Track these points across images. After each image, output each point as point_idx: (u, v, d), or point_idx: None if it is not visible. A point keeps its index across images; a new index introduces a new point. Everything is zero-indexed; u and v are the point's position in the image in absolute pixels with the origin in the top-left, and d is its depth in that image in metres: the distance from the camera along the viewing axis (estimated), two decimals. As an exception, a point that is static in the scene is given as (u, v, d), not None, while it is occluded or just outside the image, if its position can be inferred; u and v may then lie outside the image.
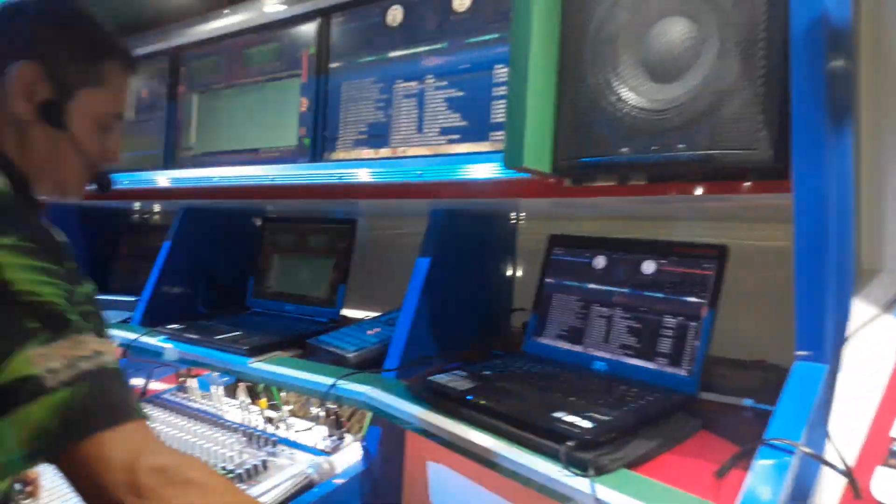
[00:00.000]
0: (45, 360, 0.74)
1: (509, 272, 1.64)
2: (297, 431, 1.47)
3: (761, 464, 0.76)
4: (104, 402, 0.76)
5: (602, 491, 0.86)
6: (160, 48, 1.97)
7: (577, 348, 1.29)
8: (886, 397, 0.76)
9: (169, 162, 1.94)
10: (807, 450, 0.74)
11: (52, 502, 1.33)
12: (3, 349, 0.73)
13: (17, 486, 1.31)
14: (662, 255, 1.24)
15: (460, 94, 1.35)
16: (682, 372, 1.14)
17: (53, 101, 0.98)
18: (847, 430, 0.77)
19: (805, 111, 0.83)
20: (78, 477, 0.75)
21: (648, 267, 1.25)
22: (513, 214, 1.62)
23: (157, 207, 2.52)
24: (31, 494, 1.32)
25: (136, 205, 2.47)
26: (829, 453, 0.77)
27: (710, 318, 1.14)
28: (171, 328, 1.70)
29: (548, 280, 1.39)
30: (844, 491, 0.72)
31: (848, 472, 0.71)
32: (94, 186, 1.12)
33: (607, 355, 1.24)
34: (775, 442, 0.77)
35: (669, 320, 1.18)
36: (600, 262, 1.32)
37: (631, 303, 1.24)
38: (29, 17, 1.01)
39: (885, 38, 0.95)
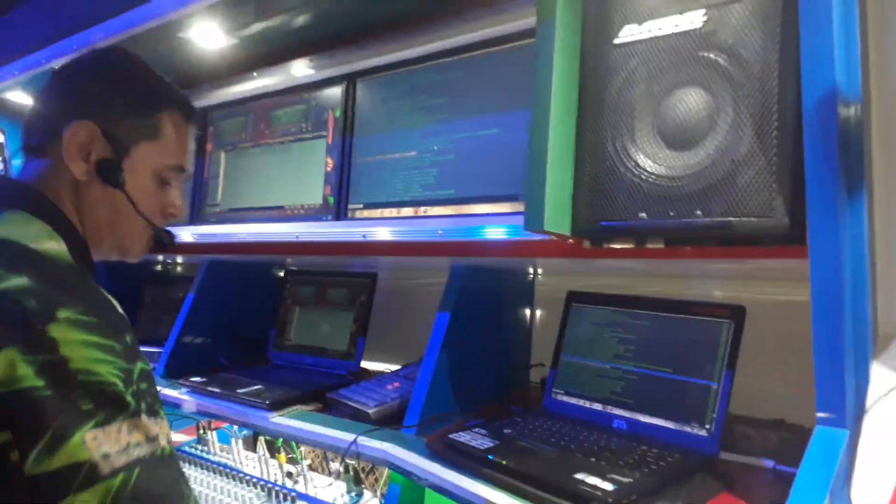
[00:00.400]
0: (98, 444, 0.72)
1: (527, 327, 1.66)
2: (316, 487, 1.48)
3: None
4: (154, 490, 0.74)
5: (625, 555, 0.87)
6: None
7: (597, 406, 1.30)
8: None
9: (195, 217, 1.99)
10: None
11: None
12: (60, 432, 0.70)
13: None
14: (680, 313, 1.25)
15: (482, 156, 1.39)
16: (702, 432, 1.14)
17: (110, 159, 0.96)
18: (870, 499, 0.77)
19: (819, 181, 0.85)
20: None
21: (666, 325, 1.26)
22: (531, 270, 1.65)
23: (179, 259, 2.57)
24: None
25: (160, 256, 2.52)
26: (853, 521, 0.77)
27: (729, 377, 1.14)
28: (192, 381, 1.72)
29: (567, 337, 1.40)
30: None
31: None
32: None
33: (626, 414, 1.25)
34: (798, 509, 0.78)
35: (688, 379, 1.19)
36: (618, 319, 1.33)
37: (649, 361, 1.26)
38: (82, 76, 0.99)
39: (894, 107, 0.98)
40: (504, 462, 1.10)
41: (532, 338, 1.67)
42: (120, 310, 0.83)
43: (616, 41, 1.09)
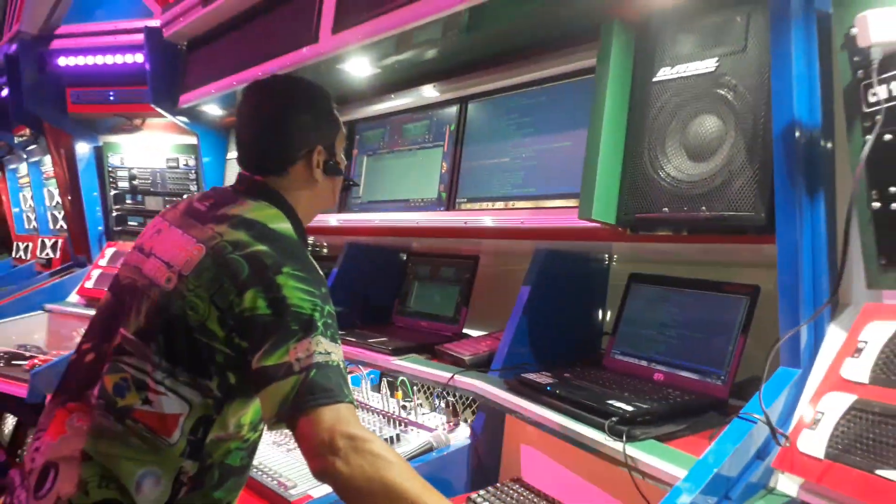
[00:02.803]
0: (296, 352, 1.07)
1: (598, 303, 1.99)
2: (423, 415, 1.91)
3: (731, 426, 1.11)
4: (325, 386, 1.06)
5: (631, 451, 1.23)
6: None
7: (643, 363, 1.63)
8: (822, 382, 1.09)
9: (342, 208, 2.52)
10: (758, 416, 1.08)
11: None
12: (276, 343, 1.08)
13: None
14: (713, 290, 1.56)
15: (557, 162, 1.78)
16: (718, 382, 1.46)
17: (329, 160, 1.38)
18: (807, 410, 1.09)
19: (783, 187, 1.18)
20: (300, 438, 1.06)
21: (702, 300, 1.57)
22: (601, 256, 1.99)
23: (323, 241, 3.11)
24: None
25: (310, 238, 3.07)
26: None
27: (743, 340, 1.44)
28: (335, 333, 2.23)
29: (626, 309, 1.74)
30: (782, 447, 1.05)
31: (770, 426, 1.05)
32: None
33: (665, 368, 1.58)
34: (744, 415, 1.12)
35: (713, 341, 1.50)
36: (667, 295, 1.66)
37: (685, 327, 1.58)
38: (297, 113, 1.34)
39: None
40: (558, 392, 1.48)
41: (604, 312, 2.01)
42: (321, 271, 1.21)
43: (654, 79, 1.45)
